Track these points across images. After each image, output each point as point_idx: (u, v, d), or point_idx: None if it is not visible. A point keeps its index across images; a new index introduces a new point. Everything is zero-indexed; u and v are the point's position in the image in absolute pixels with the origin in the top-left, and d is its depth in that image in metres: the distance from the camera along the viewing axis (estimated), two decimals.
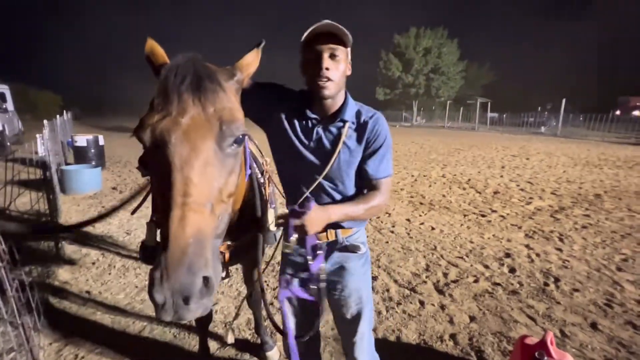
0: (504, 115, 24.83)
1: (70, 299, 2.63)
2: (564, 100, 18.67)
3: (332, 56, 1.09)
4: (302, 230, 1.04)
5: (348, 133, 1.17)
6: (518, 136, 18.15)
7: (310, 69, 1.09)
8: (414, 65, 33.07)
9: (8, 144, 9.42)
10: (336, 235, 1.27)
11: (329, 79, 1.08)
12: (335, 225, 1.23)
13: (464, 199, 5.49)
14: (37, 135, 4.47)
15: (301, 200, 1.19)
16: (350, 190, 1.23)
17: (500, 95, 36.32)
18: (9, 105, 12.54)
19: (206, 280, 0.68)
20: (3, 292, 1.35)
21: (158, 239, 1.92)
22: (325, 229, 1.24)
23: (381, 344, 2.15)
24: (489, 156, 10.16)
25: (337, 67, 1.09)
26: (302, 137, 1.18)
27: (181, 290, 0.65)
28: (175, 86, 0.78)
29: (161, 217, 0.72)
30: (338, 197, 1.22)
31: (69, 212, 4.63)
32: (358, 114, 1.20)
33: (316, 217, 1.05)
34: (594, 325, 2.31)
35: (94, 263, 3.22)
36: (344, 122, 1.16)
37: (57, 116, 9.11)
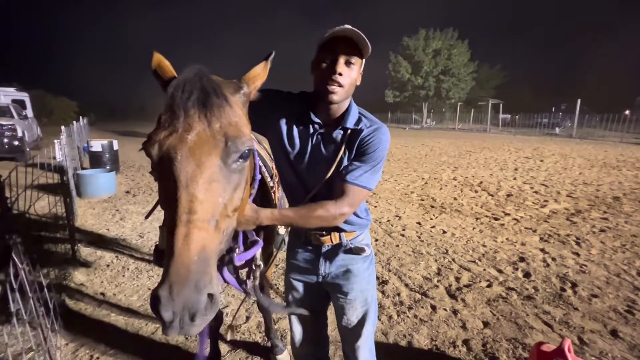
0: (517, 117, 24.37)
1: (86, 300, 2.69)
2: (579, 101, 18.21)
3: (347, 63, 1.07)
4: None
5: (347, 141, 1.14)
6: (531, 138, 17.78)
7: (323, 71, 1.07)
8: (424, 67, 32.82)
9: (27, 149, 9.73)
10: (340, 238, 1.26)
11: (339, 85, 1.06)
12: (338, 228, 1.22)
13: (476, 201, 5.40)
14: (55, 141, 4.62)
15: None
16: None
17: (513, 96, 35.70)
18: (29, 112, 13.00)
19: (211, 296, 0.69)
20: (23, 293, 1.39)
21: None
22: (329, 232, 1.24)
23: (392, 349, 2.13)
24: (501, 158, 9.98)
25: (349, 75, 1.07)
26: (300, 143, 1.16)
27: (188, 308, 0.66)
28: (181, 102, 0.78)
29: (167, 232, 0.73)
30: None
31: (85, 216, 4.75)
32: (358, 121, 1.16)
33: (246, 214, 1.01)
34: (614, 333, 2.23)
35: (108, 265, 3.29)
36: (346, 129, 1.14)
37: (74, 122, 9.38)
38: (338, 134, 1.14)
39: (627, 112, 18.83)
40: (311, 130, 1.16)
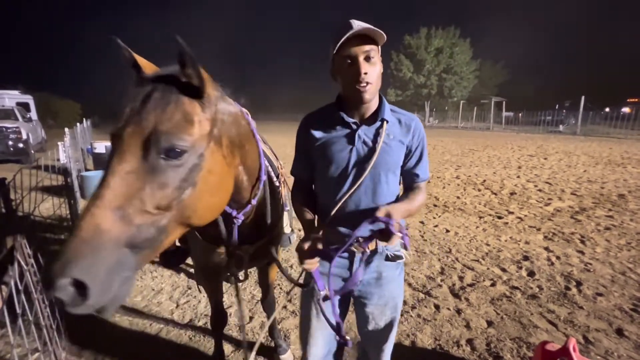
0: (520, 114, 24.22)
1: None
2: (583, 98, 18.08)
3: (367, 58, 1.05)
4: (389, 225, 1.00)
5: (388, 132, 1.15)
6: (535, 135, 17.67)
7: (348, 75, 1.06)
8: (426, 66, 32.76)
9: (32, 151, 9.81)
10: (376, 244, 1.23)
11: (368, 83, 1.06)
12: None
13: (479, 200, 5.38)
14: (59, 143, 4.65)
15: (339, 205, 1.17)
16: (392, 190, 1.20)
17: (516, 94, 35.48)
18: (33, 114, 13.10)
19: (78, 285, 0.67)
20: (28, 294, 1.41)
21: (177, 243, 1.97)
22: (369, 239, 1.22)
23: (396, 349, 2.11)
24: (504, 156, 9.93)
25: (373, 70, 1.07)
26: (343, 142, 1.16)
27: (46, 284, 0.67)
28: (132, 96, 0.83)
29: None
30: (381, 197, 1.18)
31: None
32: (397, 115, 1.20)
33: (394, 210, 1.03)
34: (619, 332, 2.21)
35: None
36: (384, 121, 1.15)
37: (78, 124, 9.45)
38: (377, 126, 1.16)
39: (625, 109, 18.63)
40: (350, 130, 1.16)
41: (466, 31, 33.67)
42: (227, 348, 2.14)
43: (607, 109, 21.53)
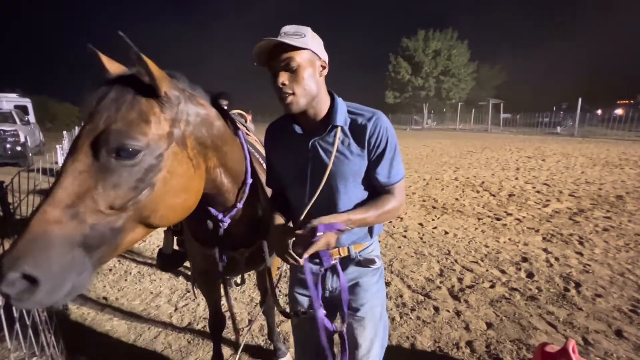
0: (518, 116, 24.32)
1: (88, 304, 2.70)
2: (580, 99, 18.18)
3: (287, 67, 0.98)
4: (324, 245, 1.01)
5: (341, 138, 1.07)
6: (533, 137, 17.74)
7: (274, 89, 1.01)
8: (424, 68, 32.93)
9: (30, 154, 9.78)
10: (349, 251, 1.19)
11: (289, 93, 0.99)
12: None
13: (478, 202, 5.39)
14: (57, 146, 4.64)
15: (301, 219, 1.13)
16: (356, 200, 1.13)
17: (513, 96, 35.66)
18: (31, 117, 13.07)
19: (29, 280, 0.67)
20: None
21: (175, 246, 1.97)
22: (336, 245, 1.16)
23: (395, 351, 2.12)
24: (502, 158, 9.96)
25: (296, 78, 0.99)
26: (299, 155, 1.11)
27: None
28: (90, 98, 0.84)
29: None
30: (342, 209, 1.12)
31: None
32: (353, 116, 1.09)
33: (328, 219, 1.02)
34: (619, 333, 2.21)
35: (110, 269, 3.29)
36: (335, 127, 1.07)
37: (76, 127, 9.43)
38: (329, 134, 1.08)
39: (618, 110, 18.75)
40: (303, 141, 1.10)
41: (464, 33, 33.90)
42: (226, 351, 2.13)
43: (600, 111, 21.64)
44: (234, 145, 1.17)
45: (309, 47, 0.99)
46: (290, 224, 1.17)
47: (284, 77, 0.98)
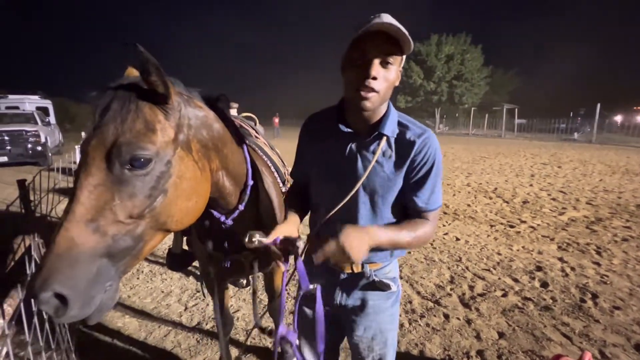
0: (533, 121, 23.81)
1: None
2: (598, 105, 17.70)
3: (384, 63, 0.89)
4: (341, 257, 0.85)
5: (384, 149, 0.99)
6: (549, 143, 17.33)
7: (354, 74, 0.90)
8: (436, 72, 32.67)
9: (50, 154, 10.12)
10: (362, 267, 1.08)
11: (373, 90, 0.89)
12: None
13: (491, 208, 5.29)
14: (76, 146, 4.79)
15: (319, 226, 1.04)
16: (386, 218, 1.04)
17: (528, 101, 34.98)
18: (51, 118, 13.54)
19: (61, 297, 0.69)
20: None
21: (184, 246, 2.00)
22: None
23: (404, 358, 2.09)
24: (517, 164, 9.76)
25: (386, 77, 0.91)
26: (334, 155, 1.04)
27: (33, 294, 0.69)
28: (95, 108, 0.84)
29: None
30: (367, 222, 1.04)
31: None
32: (402, 129, 1.01)
33: (355, 237, 0.86)
34: (638, 347, 2.13)
35: None
36: (382, 136, 0.99)
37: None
38: (373, 142, 1.00)
39: (617, 117, 18.10)
40: (343, 141, 1.03)
41: (478, 37, 33.53)
42: (234, 352, 2.15)
43: (620, 117, 20.98)
44: (234, 147, 1.17)
45: (411, 49, 0.91)
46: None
47: (378, 71, 0.89)
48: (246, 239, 0.91)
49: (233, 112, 2.82)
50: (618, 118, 21.26)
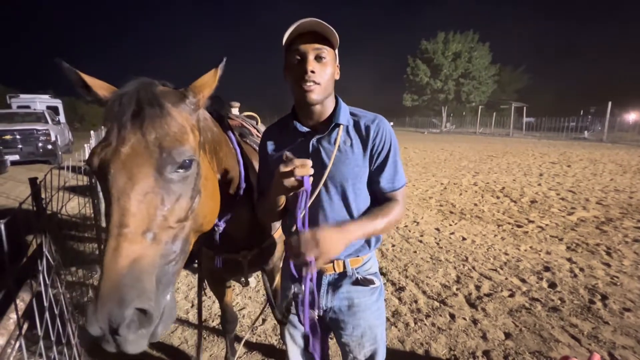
0: (542, 119, 23.48)
1: None
2: (609, 103, 17.36)
3: (318, 58, 0.97)
4: (316, 251, 0.85)
5: (343, 138, 1.05)
6: (558, 142, 17.07)
7: (294, 73, 0.98)
8: (443, 71, 32.35)
9: (60, 153, 10.29)
10: (344, 266, 1.11)
11: (314, 82, 0.97)
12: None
13: (498, 208, 5.23)
14: (85, 145, 4.87)
15: (298, 220, 1.03)
16: (355, 207, 1.07)
17: (537, 99, 34.46)
18: (61, 117, 13.77)
19: (144, 312, 0.67)
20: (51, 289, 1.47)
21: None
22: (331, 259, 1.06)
23: (409, 357, 2.09)
24: (525, 163, 9.63)
25: (323, 70, 0.98)
26: (298, 155, 1.03)
27: (110, 324, 0.64)
28: (116, 115, 0.79)
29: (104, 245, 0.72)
30: (341, 213, 1.06)
31: None
32: (355, 118, 1.08)
33: (332, 238, 0.87)
34: None
35: None
36: (338, 125, 1.05)
37: (102, 127, 9.86)
38: (332, 132, 1.05)
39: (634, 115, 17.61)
40: (304, 140, 1.06)
41: (485, 34, 33.10)
42: (239, 350, 2.17)
43: (633, 115, 20.52)
44: (228, 151, 1.18)
45: (337, 46, 1.01)
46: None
47: (314, 65, 0.97)
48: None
49: (234, 111, 2.83)
50: (630, 116, 20.82)
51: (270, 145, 1.15)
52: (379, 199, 1.09)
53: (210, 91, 0.93)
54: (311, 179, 0.90)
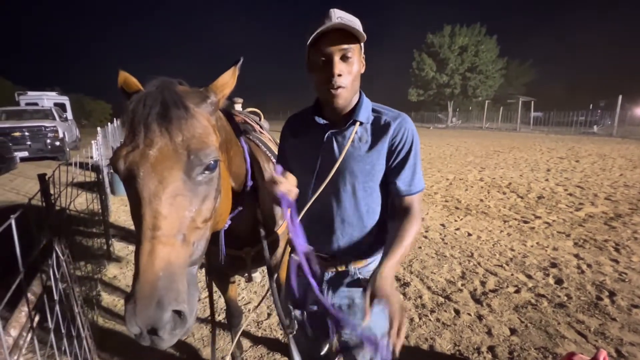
0: (551, 113, 23.09)
1: (118, 293, 2.85)
2: (620, 97, 17.00)
3: (344, 57, 0.93)
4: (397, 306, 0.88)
5: (359, 134, 1.02)
6: (566, 137, 16.82)
7: (320, 75, 0.95)
8: (449, 65, 31.90)
9: (67, 149, 10.42)
10: (347, 266, 1.10)
11: (340, 87, 0.94)
12: (347, 254, 1.09)
13: (504, 203, 5.19)
14: (92, 142, 4.92)
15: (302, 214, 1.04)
16: (365, 206, 1.05)
17: (545, 93, 33.91)
18: (69, 114, 13.92)
19: (178, 313, 0.69)
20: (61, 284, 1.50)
21: None
22: (332, 258, 1.10)
23: (413, 352, 2.10)
24: (532, 158, 9.52)
25: (350, 71, 0.95)
26: (312, 147, 1.06)
27: (151, 325, 0.66)
28: (142, 117, 0.78)
29: (136, 248, 0.73)
30: (347, 212, 1.05)
31: (118, 212, 5.02)
32: (377, 115, 1.04)
33: (395, 293, 0.89)
34: None
35: None
36: (356, 122, 1.02)
37: (109, 124, 9.96)
38: (349, 128, 1.03)
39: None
40: (320, 132, 1.05)
41: (493, 27, 32.54)
42: (246, 343, 2.19)
43: None
44: (237, 149, 1.19)
45: (364, 37, 0.95)
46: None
47: (341, 68, 0.93)
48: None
49: (238, 107, 2.83)
50: None
51: (289, 133, 1.16)
52: (394, 202, 1.05)
53: (229, 91, 0.94)
54: (295, 194, 0.94)
